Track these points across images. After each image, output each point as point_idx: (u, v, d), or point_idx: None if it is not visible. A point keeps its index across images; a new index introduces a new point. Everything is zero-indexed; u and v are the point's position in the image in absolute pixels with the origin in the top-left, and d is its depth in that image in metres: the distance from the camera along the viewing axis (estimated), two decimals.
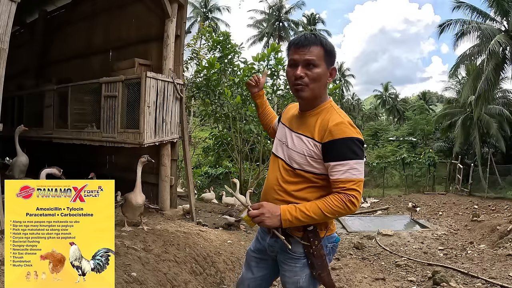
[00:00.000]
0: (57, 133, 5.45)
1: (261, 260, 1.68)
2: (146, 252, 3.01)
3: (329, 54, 1.41)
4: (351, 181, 1.33)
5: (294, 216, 1.36)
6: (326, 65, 1.41)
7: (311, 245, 1.45)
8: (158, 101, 4.72)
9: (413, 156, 18.26)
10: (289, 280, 1.53)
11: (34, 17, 7.27)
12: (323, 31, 37.19)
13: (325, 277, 1.49)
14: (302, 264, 1.49)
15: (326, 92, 1.50)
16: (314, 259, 1.46)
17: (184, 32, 5.48)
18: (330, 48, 1.41)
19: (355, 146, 1.34)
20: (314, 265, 1.47)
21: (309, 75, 1.38)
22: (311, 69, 1.38)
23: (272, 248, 1.59)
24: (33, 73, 6.98)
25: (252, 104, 8.86)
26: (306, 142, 1.41)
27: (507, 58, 12.79)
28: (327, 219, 1.38)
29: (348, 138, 1.34)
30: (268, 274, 1.71)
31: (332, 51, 1.42)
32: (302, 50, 1.38)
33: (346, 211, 1.34)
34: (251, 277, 1.70)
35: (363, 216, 10.60)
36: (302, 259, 1.49)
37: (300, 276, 1.50)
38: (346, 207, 1.33)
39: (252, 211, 1.41)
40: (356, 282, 3.95)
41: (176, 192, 5.62)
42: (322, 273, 1.47)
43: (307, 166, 1.42)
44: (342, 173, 1.33)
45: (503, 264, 4.75)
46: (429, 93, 42.36)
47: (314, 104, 1.47)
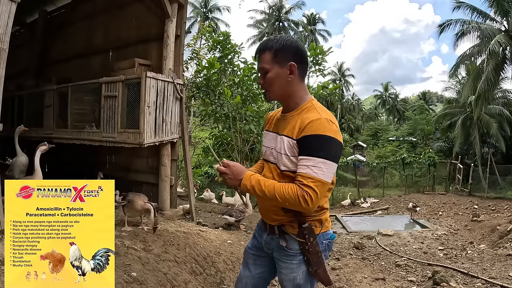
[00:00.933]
0: (57, 133, 5.45)
1: (259, 257, 1.70)
2: (146, 252, 3.01)
3: (280, 53, 1.43)
4: (310, 178, 1.31)
5: (252, 184, 1.40)
6: (279, 65, 1.43)
7: (306, 242, 1.47)
8: (158, 101, 4.72)
9: (413, 156, 18.25)
10: (286, 277, 1.55)
11: (34, 17, 7.27)
12: (323, 31, 37.27)
13: (321, 273, 1.51)
14: (299, 261, 1.51)
15: (300, 90, 1.49)
16: (310, 255, 1.48)
17: (184, 32, 5.48)
18: (280, 47, 1.43)
19: (325, 144, 1.33)
20: (310, 262, 1.49)
21: (265, 81, 1.47)
22: (265, 76, 1.46)
23: (268, 245, 1.61)
24: (33, 73, 6.98)
25: (252, 104, 8.88)
26: (287, 142, 1.44)
27: (507, 58, 12.80)
28: (277, 202, 1.37)
29: (319, 135, 1.33)
30: (266, 272, 1.71)
31: (284, 49, 1.43)
32: (258, 60, 1.50)
33: (296, 204, 1.32)
34: (249, 274, 1.71)
35: (363, 216, 10.60)
36: (298, 256, 1.51)
37: (297, 273, 1.52)
38: (298, 200, 1.31)
39: (220, 167, 1.46)
40: (356, 282, 3.95)
41: (176, 192, 5.62)
42: (318, 269, 1.50)
43: (293, 166, 1.43)
44: (304, 168, 1.33)
45: (503, 264, 4.75)
46: (429, 93, 42.42)
47: (293, 105, 1.50)
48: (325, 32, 37.28)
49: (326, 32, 37.35)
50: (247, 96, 8.70)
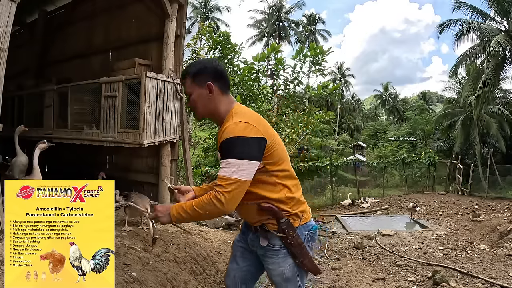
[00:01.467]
0: (57, 133, 5.45)
1: (246, 250, 1.75)
2: (146, 252, 3.01)
3: (197, 76, 1.56)
4: (221, 178, 1.41)
5: (178, 212, 1.44)
6: (199, 87, 1.55)
7: (286, 236, 1.54)
8: (158, 101, 4.72)
9: (413, 156, 18.24)
10: (274, 272, 1.61)
11: (34, 17, 7.27)
12: (323, 31, 37.28)
13: (308, 263, 1.59)
14: (283, 255, 1.58)
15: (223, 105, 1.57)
16: (293, 248, 1.56)
17: (184, 32, 5.48)
18: (196, 70, 1.57)
19: (232, 146, 1.41)
20: (295, 254, 1.56)
21: (190, 103, 1.61)
22: (189, 98, 1.60)
23: (253, 243, 1.68)
24: (33, 73, 6.97)
25: (252, 104, 8.88)
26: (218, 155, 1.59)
27: (507, 58, 12.80)
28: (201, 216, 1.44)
29: (227, 139, 1.42)
30: (253, 266, 1.76)
31: (200, 71, 1.56)
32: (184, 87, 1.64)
33: (213, 208, 1.38)
34: (236, 267, 1.76)
35: (363, 216, 10.59)
36: (283, 250, 1.58)
37: (284, 267, 1.58)
38: (212, 203, 1.38)
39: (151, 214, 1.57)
40: (356, 282, 3.96)
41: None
42: (304, 260, 1.57)
43: None
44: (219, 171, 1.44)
45: (503, 264, 4.75)
46: (429, 93, 42.41)
47: (221, 120, 1.59)
48: (325, 32, 37.33)
49: (326, 32, 37.40)
50: (247, 96, 8.70)
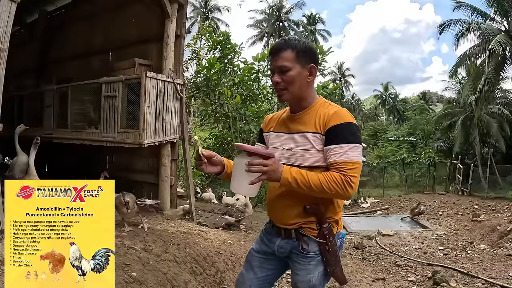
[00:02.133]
0: (57, 133, 5.45)
1: (266, 261, 1.66)
2: (146, 252, 3.01)
3: (303, 54, 1.45)
4: (350, 162, 1.35)
5: (293, 176, 1.35)
6: (301, 66, 1.45)
7: (326, 242, 1.47)
8: (158, 101, 4.72)
9: (413, 156, 18.26)
10: (302, 278, 1.53)
11: (34, 17, 7.27)
12: (323, 31, 37.24)
13: (339, 272, 1.52)
14: (316, 262, 1.50)
15: (312, 91, 1.54)
16: (329, 255, 1.48)
17: (184, 32, 5.48)
18: (303, 48, 1.45)
19: (354, 130, 1.40)
20: (329, 262, 1.49)
21: (284, 80, 1.45)
22: (285, 74, 1.44)
23: (283, 250, 1.58)
24: (33, 73, 6.98)
25: (252, 104, 8.88)
26: (314, 137, 1.44)
27: (507, 58, 12.78)
28: (321, 193, 1.35)
29: (347, 123, 1.39)
30: (271, 275, 1.70)
31: (307, 50, 1.46)
32: (275, 58, 1.47)
33: (342, 191, 1.32)
34: (253, 277, 1.67)
35: (363, 216, 10.60)
36: (316, 257, 1.50)
37: (313, 274, 1.51)
38: (344, 187, 1.31)
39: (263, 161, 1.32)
40: (356, 282, 3.96)
41: (176, 192, 5.62)
42: (336, 268, 1.50)
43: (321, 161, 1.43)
44: (340, 155, 1.36)
45: (503, 264, 4.75)
46: (429, 93, 42.30)
47: (305, 105, 1.52)
48: (325, 32, 37.29)
49: (326, 32, 37.36)
50: (247, 96, 8.71)
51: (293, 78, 1.44)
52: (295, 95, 1.48)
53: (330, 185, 1.32)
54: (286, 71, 1.44)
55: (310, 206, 1.45)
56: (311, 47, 1.50)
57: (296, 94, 1.48)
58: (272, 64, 1.49)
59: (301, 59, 1.44)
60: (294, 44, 1.45)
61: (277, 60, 1.46)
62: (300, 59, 1.44)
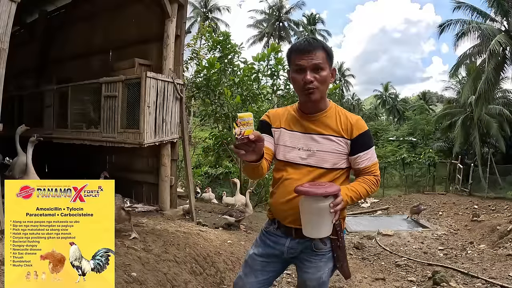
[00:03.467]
0: (57, 133, 5.45)
1: (268, 264, 1.65)
2: (146, 252, 3.01)
3: (330, 56, 1.49)
4: (375, 163, 1.56)
5: (350, 196, 1.46)
6: (329, 66, 1.49)
7: (338, 238, 1.52)
8: (158, 101, 4.72)
9: (413, 156, 18.27)
10: (313, 276, 1.55)
11: (34, 17, 7.27)
12: (323, 31, 37.18)
13: (346, 267, 1.57)
14: (327, 259, 1.54)
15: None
16: (339, 251, 1.54)
17: (184, 32, 5.48)
18: (330, 50, 1.50)
19: (371, 135, 1.59)
20: (339, 257, 1.54)
21: (318, 79, 1.44)
22: (319, 73, 1.44)
23: (293, 250, 1.57)
24: (33, 73, 6.98)
25: (252, 104, 8.87)
26: (337, 141, 1.51)
27: (507, 58, 12.79)
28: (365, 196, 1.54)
29: (367, 130, 1.54)
30: (272, 277, 1.70)
31: (331, 53, 1.50)
32: (308, 55, 1.44)
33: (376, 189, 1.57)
34: (254, 280, 1.65)
35: (363, 216, 10.60)
36: (328, 254, 1.54)
37: (323, 271, 1.54)
38: (378, 185, 1.56)
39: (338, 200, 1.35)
40: (356, 282, 3.96)
41: (176, 192, 5.62)
42: (344, 263, 1.56)
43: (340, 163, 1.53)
44: (369, 160, 1.53)
45: (503, 264, 4.75)
46: (429, 93, 42.26)
47: (322, 107, 1.54)
48: (325, 32, 37.22)
49: (326, 32, 37.29)
50: (247, 96, 8.70)
51: (325, 77, 1.47)
52: (323, 95, 1.51)
53: (372, 189, 1.53)
54: (321, 69, 1.44)
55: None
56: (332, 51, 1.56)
57: (323, 94, 1.51)
58: (303, 62, 1.44)
59: (330, 60, 1.48)
60: (324, 45, 1.48)
61: (312, 58, 1.43)
62: (329, 60, 1.48)
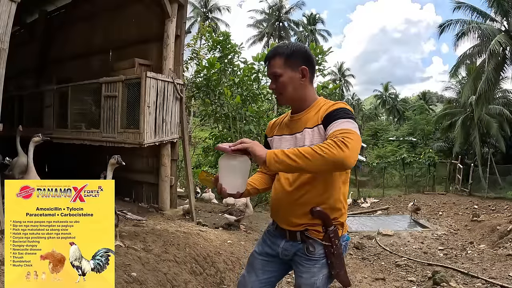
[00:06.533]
0: (57, 133, 5.45)
1: (268, 263, 1.66)
2: (146, 252, 3.01)
3: (291, 57, 1.48)
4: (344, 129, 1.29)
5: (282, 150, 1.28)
6: (291, 69, 1.48)
7: (332, 245, 1.47)
8: (158, 101, 4.72)
9: (413, 156, 18.25)
10: (306, 281, 1.52)
11: (34, 17, 7.27)
12: (323, 31, 37.23)
13: (343, 275, 1.51)
14: (321, 265, 1.50)
15: (311, 92, 1.56)
16: (334, 258, 1.48)
17: (184, 32, 5.49)
18: (291, 52, 1.49)
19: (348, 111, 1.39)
20: (334, 265, 1.48)
21: (278, 86, 1.51)
22: (277, 80, 1.50)
23: (287, 252, 1.58)
24: (33, 73, 6.98)
25: (252, 104, 8.88)
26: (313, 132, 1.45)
27: (507, 58, 12.79)
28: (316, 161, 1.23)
29: (341, 107, 1.41)
30: (274, 278, 1.69)
31: (294, 54, 1.49)
32: (268, 66, 1.54)
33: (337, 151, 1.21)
34: (255, 279, 1.66)
35: (363, 216, 10.60)
36: (321, 260, 1.50)
37: (317, 277, 1.50)
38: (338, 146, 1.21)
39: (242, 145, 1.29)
40: (356, 282, 3.96)
41: (176, 192, 5.62)
42: (340, 271, 1.50)
43: None
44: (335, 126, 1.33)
45: (503, 264, 4.75)
46: (429, 93, 42.25)
47: (305, 106, 1.54)
48: (325, 32, 37.27)
49: (326, 32, 37.34)
50: (247, 96, 8.70)
51: (284, 83, 1.49)
52: (291, 97, 1.53)
53: (323, 148, 1.22)
54: (279, 76, 1.49)
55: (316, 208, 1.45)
56: (300, 49, 1.51)
57: (292, 97, 1.53)
58: (267, 73, 1.56)
59: (290, 63, 1.48)
60: (281, 51, 1.50)
61: (268, 68, 1.53)
62: (289, 63, 1.48)
